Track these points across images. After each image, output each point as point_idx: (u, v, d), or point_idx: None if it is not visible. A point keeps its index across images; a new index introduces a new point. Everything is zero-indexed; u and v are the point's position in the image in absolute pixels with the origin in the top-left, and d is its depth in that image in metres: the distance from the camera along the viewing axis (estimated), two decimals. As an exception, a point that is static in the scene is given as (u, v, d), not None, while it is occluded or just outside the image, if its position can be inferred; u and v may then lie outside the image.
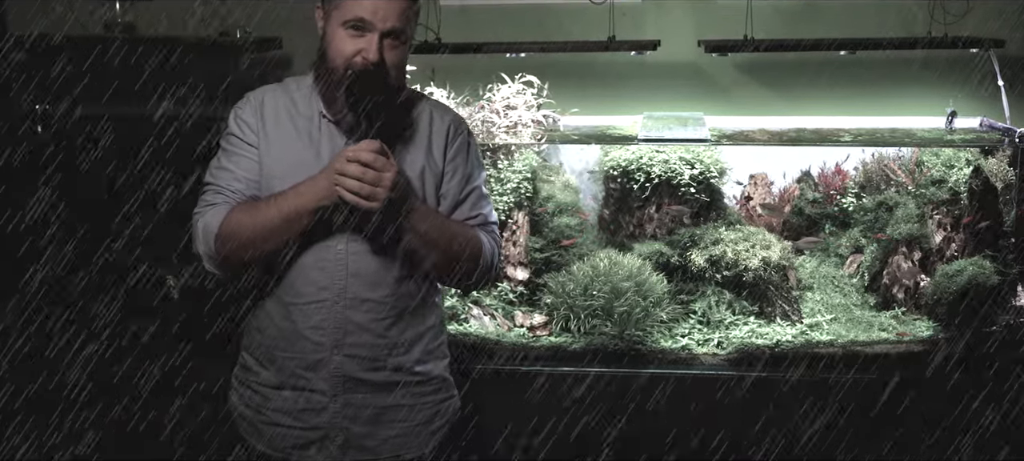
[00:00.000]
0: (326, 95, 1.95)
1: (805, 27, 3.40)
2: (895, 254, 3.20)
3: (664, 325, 3.08)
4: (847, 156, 3.51)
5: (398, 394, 2.04)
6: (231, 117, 2.02)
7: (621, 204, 3.41)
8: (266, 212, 1.87)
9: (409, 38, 1.95)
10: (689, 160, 3.31)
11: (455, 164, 2.05)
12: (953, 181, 3.24)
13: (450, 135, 2.06)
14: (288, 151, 1.97)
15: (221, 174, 1.99)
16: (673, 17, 3.50)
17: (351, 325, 1.96)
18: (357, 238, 1.94)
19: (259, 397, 2.05)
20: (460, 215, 2.06)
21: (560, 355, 2.98)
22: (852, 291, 3.29)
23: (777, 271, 3.15)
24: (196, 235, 1.95)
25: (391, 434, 2.05)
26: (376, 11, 1.85)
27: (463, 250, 1.98)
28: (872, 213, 3.38)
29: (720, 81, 3.57)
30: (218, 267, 1.95)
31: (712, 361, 2.97)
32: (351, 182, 1.77)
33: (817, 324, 3.11)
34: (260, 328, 2.04)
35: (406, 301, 2.00)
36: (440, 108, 2.10)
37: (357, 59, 1.87)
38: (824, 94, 3.47)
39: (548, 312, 3.14)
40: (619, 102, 3.52)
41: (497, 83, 3.31)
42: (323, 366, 1.98)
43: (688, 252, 3.20)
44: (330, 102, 1.95)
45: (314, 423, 2.01)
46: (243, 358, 2.11)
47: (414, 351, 2.05)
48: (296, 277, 1.95)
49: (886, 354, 2.93)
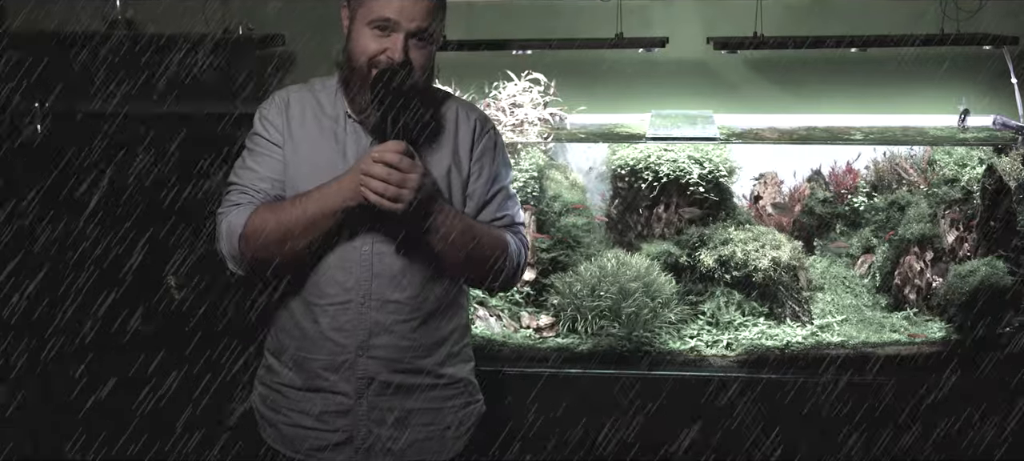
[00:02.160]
0: (351, 95, 1.96)
1: (815, 24, 3.41)
2: (907, 254, 3.21)
3: (673, 326, 3.10)
4: (858, 155, 3.53)
5: (422, 397, 2.04)
6: (256, 117, 2.03)
7: (629, 203, 3.43)
8: (291, 212, 1.88)
9: (436, 37, 1.95)
10: (698, 159, 3.33)
11: (481, 164, 2.06)
12: (966, 180, 3.26)
13: (476, 134, 2.06)
14: (313, 151, 1.98)
15: (246, 174, 1.99)
16: (682, 14, 3.51)
17: (375, 327, 1.97)
18: (382, 239, 1.95)
19: (282, 398, 2.06)
20: (486, 216, 2.06)
21: (567, 356, 2.99)
22: (863, 292, 3.31)
23: (787, 271, 3.17)
24: (219, 235, 1.96)
25: (415, 438, 2.05)
26: (402, 10, 1.86)
27: (489, 252, 1.99)
28: (884, 213, 3.40)
29: (729, 79, 3.58)
30: (242, 267, 1.96)
31: (721, 363, 2.99)
32: (376, 183, 1.78)
33: (828, 325, 3.13)
34: (284, 329, 2.04)
35: (431, 303, 2.01)
36: (466, 107, 2.11)
37: (382, 58, 1.87)
38: (835, 92, 3.49)
39: (555, 313, 3.16)
40: (627, 100, 3.54)
41: (503, 81, 3.33)
42: (347, 368, 1.99)
43: (697, 252, 3.22)
44: (355, 102, 1.95)
45: (337, 425, 2.02)
46: (266, 359, 2.11)
47: (439, 353, 2.05)
48: (320, 278, 1.96)
49: (897, 356, 2.95)
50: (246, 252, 1.92)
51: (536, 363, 2.96)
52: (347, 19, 1.95)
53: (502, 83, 3.32)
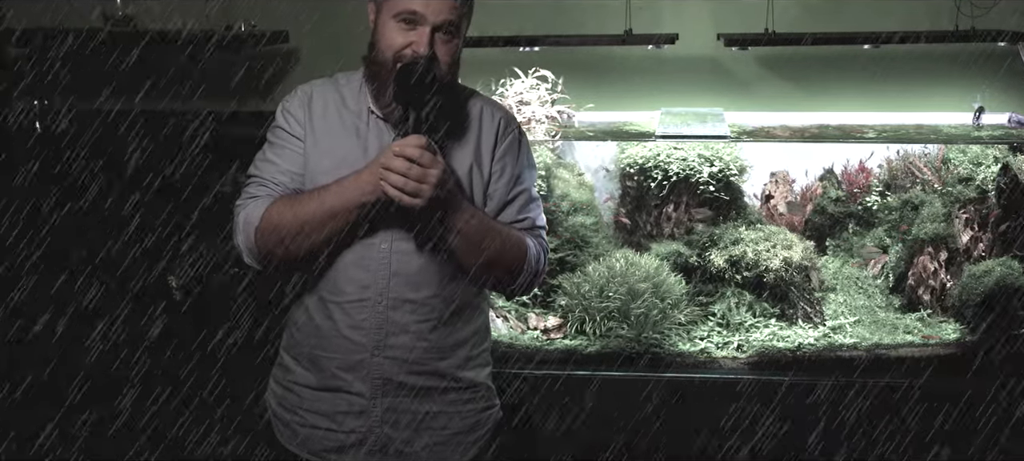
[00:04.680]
0: (375, 89, 1.95)
1: (828, 20, 3.42)
2: (921, 254, 3.23)
3: (682, 327, 3.11)
4: (871, 153, 3.55)
5: (439, 400, 2.04)
6: (278, 110, 2.03)
7: (638, 203, 3.45)
8: (308, 205, 1.87)
9: (462, 32, 1.95)
10: (708, 157, 3.35)
11: (504, 163, 2.04)
12: (980, 179, 3.28)
13: (500, 133, 2.05)
14: (334, 146, 1.97)
15: (265, 167, 1.99)
16: (692, 10, 3.53)
17: (393, 326, 1.96)
18: (402, 236, 1.94)
19: (296, 398, 2.05)
20: (506, 217, 2.05)
21: (575, 358, 3.01)
22: (876, 292, 3.32)
23: (799, 272, 3.18)
24: (236, 227, 1.95)
25: (430, 441, 2.04)
26: (428, 3, 1.85)
27: (508, 254, 1.97)
28: (897, 212, 3.41)
29: (740, 76, 3.60)
30: (258, 261, 1.95)
31: (732, 364, 3.00)
32: (395, 177, 1.76)
33: (840, 326, 3.14)
34: (300, 326, 2.04)
35: (450, 304, 2.00)
36: (492, 105, 2.10)
37: (407, 52, 1.87)
38: (847, 89, 3.51)
39: (563, 314, 3.17)
40: (636, 97, 3.55)
41: (510, 77, 3.34)
42: (363, 367, 1.98)
43: (707, 252, 3.23)
44: (379, 97, 1.94)
45: (351, 426, 2.01)
46: (282, 357, 2.11)
47: (457, 356, 2.05)
48: (338, 275, 1.95)
49: (911, 357, 2.96)
50: (262, 246, 1.91)
51: (544, 365, 2.97)
52: (373, 13, 1.94)
53: (509, 80, 3.33)
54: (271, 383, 2.15)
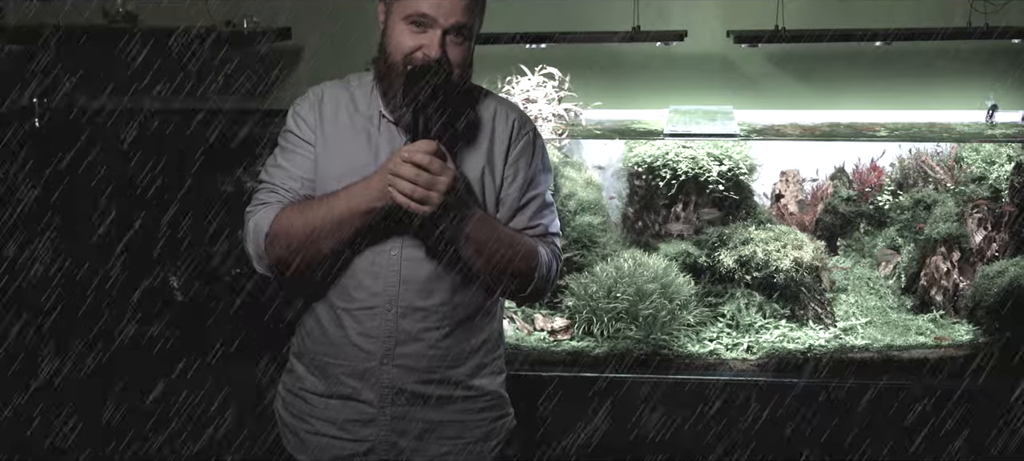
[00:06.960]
0: (385, 93, 1.94)
1: (839, 17, 3.41)
2: (933, 255, 3.24)
3: (691, 329, 3.12)
4: (883, 152, 3.56)
5: (450, 409, 2.04)
6: (289, 113, 2.02)
7: (646, 202, 3.46)
8: (317, 212, 1.87)
9: (474, 34, 1.93)
10: (717, 156, 3.36)
11: (516, 167, 2.03)
12: (994, 178, 3.29)
13: (513, 136, 2.03)
14: (344, 150, 1.96)
15: (276, 172, 1.99)
16: (701, 6, 3.53)
17: (402, 334, 1.96)
18: (412, 243, 1.93)
19: (305, 405, 2.06)
20: (518, 223, 2.03)
21: (582, 360, 3.01)
22: (888, 293, 3.33)
23: (809, 272, 3.19)
24: (246, 234, 1.96)
25: (441, 451, 2.05)
26: (439, 6, 1.84)
27: (517, 263, 1.96)
28: (909, 212, 3.42)
29: (750, 73, 3.60)
30: (268, 268, 1.95)
31: (741, 366, 3.01)
32: (404, 184, 1.75)
33: (851, 328, 3.15)
34: (309, 333, 2.04)
35: (461, 311, 2.00)
36: (507, 106, 2.08)
37: (417, 54, 1.86)
38: (859, 87, 3.51)
39: (570, 315, 3.18)
40: (644, 95, 3.56)
41: (516, 75, 3.34)
42: (372, 375, 1.98)
43: (716, 252, 3.24)
44: (389, 100, 1.93)
45: (361, 435, 2.01)
46: (291, 364, 2.12)
47: (469, 364, 2.04)
48: (347, 281, 1.95)
49: (924, 359, 2.97)
50: (271, 253, 1.91)
51: (551, 367, 2.98)
52: (382, 13, 1.94)
53: (515, 77, 3.33)
54: (280, 389, 2.15)
